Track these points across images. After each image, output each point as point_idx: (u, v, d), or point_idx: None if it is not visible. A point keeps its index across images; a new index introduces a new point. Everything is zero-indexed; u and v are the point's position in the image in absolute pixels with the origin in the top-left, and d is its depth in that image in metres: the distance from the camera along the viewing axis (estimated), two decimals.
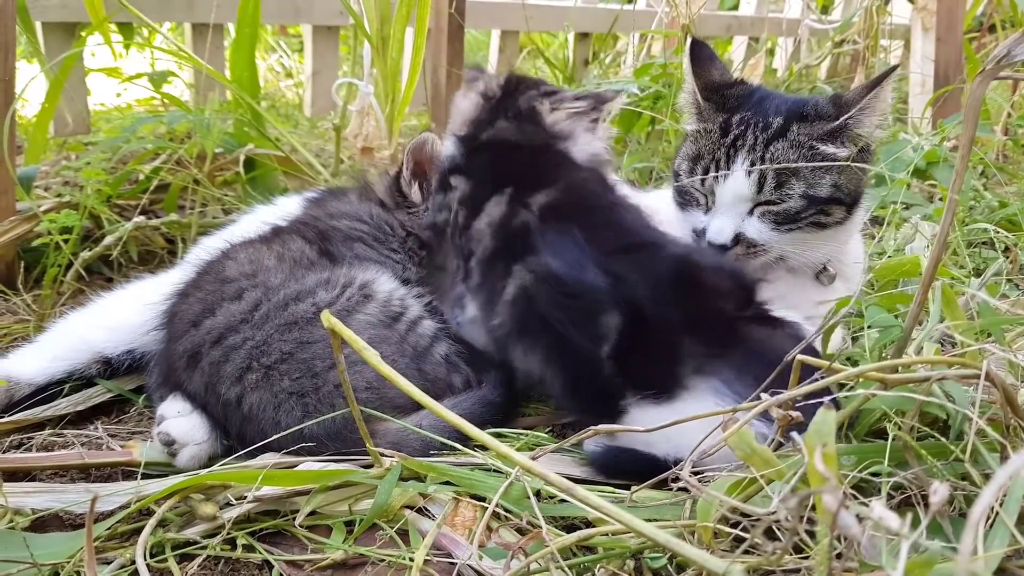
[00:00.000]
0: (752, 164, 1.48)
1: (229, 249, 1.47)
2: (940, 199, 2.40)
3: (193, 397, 1.30)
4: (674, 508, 1.10)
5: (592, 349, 1.26)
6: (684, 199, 1.59)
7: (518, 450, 1.27)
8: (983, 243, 2.12)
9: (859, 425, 1.15)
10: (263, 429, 1.23)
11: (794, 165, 1.46)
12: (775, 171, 1.46)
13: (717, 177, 1.51)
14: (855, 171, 1.50)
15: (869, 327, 1.37)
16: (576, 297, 1.29)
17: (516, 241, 1.38)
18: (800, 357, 1.05)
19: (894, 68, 1.52)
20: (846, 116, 1.47)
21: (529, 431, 1.38)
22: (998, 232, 1.94)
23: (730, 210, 1.51)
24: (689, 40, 1.61)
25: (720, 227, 1.50)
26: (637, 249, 1.35)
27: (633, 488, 1.14)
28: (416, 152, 1.60)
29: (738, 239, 1.50)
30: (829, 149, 1.47)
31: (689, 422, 1.07)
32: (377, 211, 1.61)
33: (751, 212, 1.51)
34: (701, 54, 1.62)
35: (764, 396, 1.08)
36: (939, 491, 0.68)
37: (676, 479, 1.11)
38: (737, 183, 1.49)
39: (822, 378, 1.02)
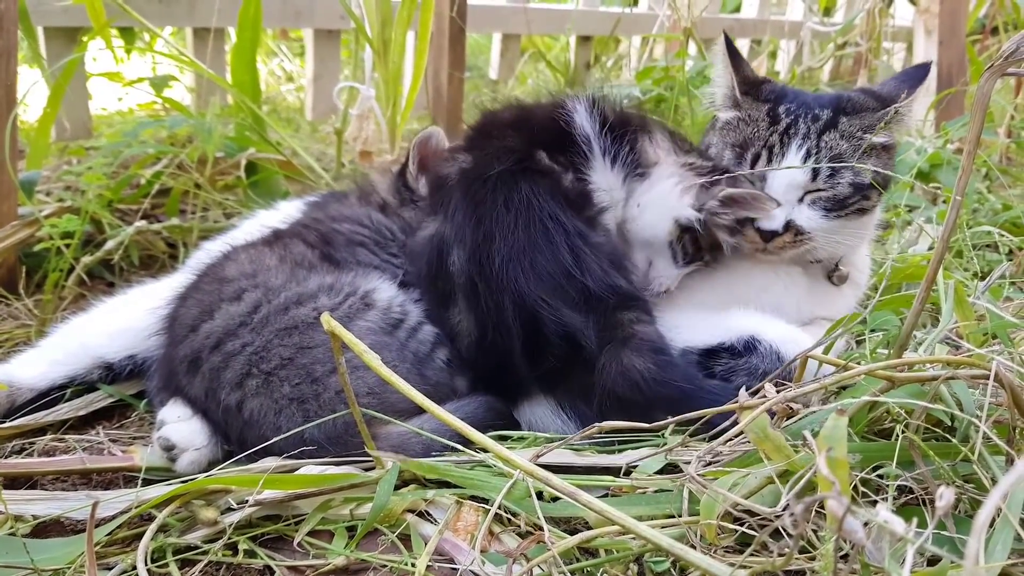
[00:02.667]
0: (808, 152, 1.49)
1: (229, 251, 1.46)
2: (943, 201, 2.40)
3: (194, 402, 1.29)
4: (676, 497, 1.09)
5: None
6: None
7: (522, 449, 1.27)
8: (987, 246, 2.11)
9: (858, 423, 1.14)
10: (264, 435, 1.22)
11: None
12: (828, 161, 1.48)
13: (771, 163, 1.51)
14: (888, 157, 1.54)
15: (872, 331, 1.37)
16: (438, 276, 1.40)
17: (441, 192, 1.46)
18: (812, 355, 1.06)
19: (929, 64, 1.54)
20: (895, 107, 1.50)
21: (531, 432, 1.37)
22: (1002, 235, 1.93)
23: (781, 197, 1.50)
24: (723, 36, 1.60)
25: (772, 213, 1.50)
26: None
27: (634, 477, 1.15)
28: (422, 146, 1.59)
29: (787, 226, 1.50)
30: (872, 138, 1.50)
31: None
32: (377, 216, 1.60)
33: (800, 200, 1.51)
34: (733, 50, 1.62)
35: (768, 387, 1.08)
36: (945, 496, 0.67)
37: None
38: (793, 170, 1.49)
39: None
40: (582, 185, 1.43)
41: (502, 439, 1.28)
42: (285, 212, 1.81)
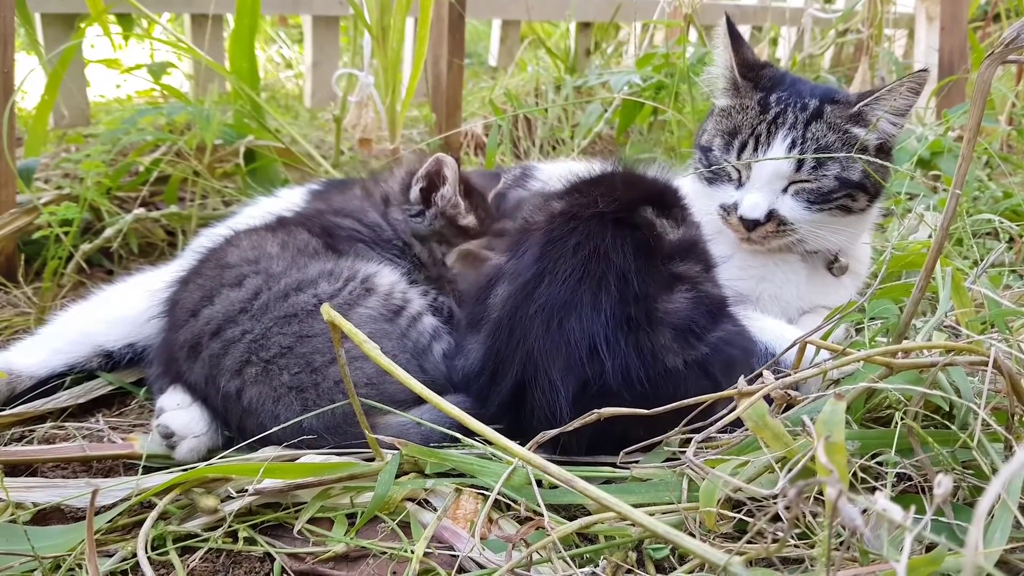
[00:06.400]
0: (793, 142, 1.49)
1: (232, 236, 1.46)
2: (944, 189, 2.39)
3: (193, 388, 1.29)
4: (676, 485, 1.09)
5: None
6: (713, 173, 1.58)
7: (520, 442, 1.27)
8: (987, 234, 2.11)
9: (856, 409, 1.14)
10: (263, 423, 1.23)
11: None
12: (814, 152, 1.48)
13: (757, 151, 1.51)
14: (881, 159, 1.52)
15: (872, 318, 1.37)
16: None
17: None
18: (810, 341, 1.06)
19: (923, 71, 1.52)
20: (870, 99, 1.49)
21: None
22: (1002, 222, 1.93)
23: (766, 186, 1.51)
24: (725, 18, 1.60)
25: (755, 202, 1.50)
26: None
27: (634, 468, 1.15)
28: (437, 162, 1.57)
29: (770, 216, 1.50)
30: (859, 132, 1.50)
31: None
32: (373, 216, 1.57)
33: (785, 190, 1.51)
34: (735, 32, 1.62)
35: (767, 374, 1.08)
36: (943, 484, 0.67)
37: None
38: (778, 160, 1.49)
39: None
40: (694, 235, 1.39)
41: (500, 431, 1.28)
42: (288, 200, 1.80)
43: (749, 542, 0.94)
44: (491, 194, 1.68)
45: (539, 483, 1.09)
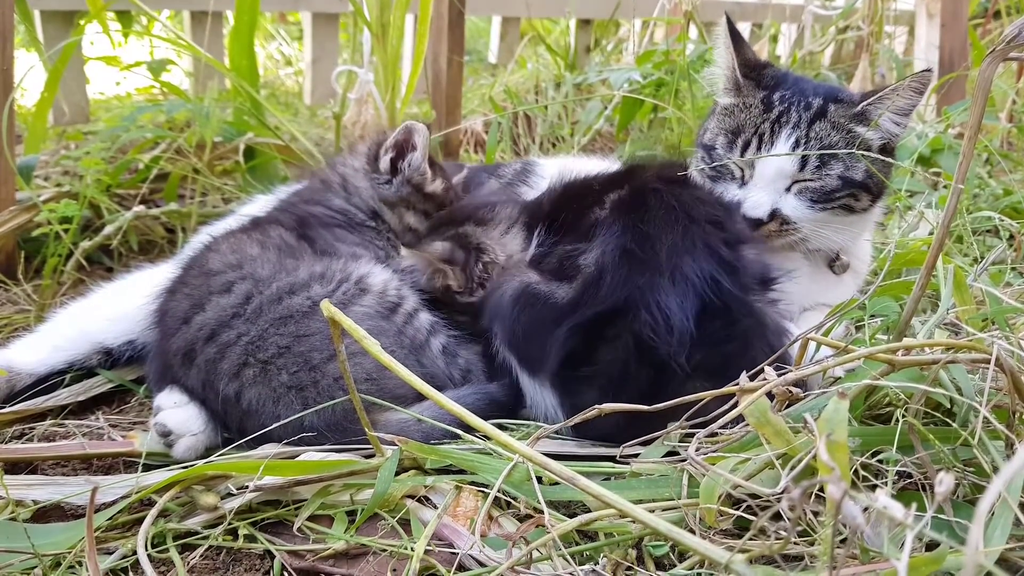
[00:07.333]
0: (797, 141, 1.49)
1: (211, 242, 1.46)
2: (944, 186, 2.39)
3: (191, 392, 1.29)
4: (676, 481, 1.09)
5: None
6: (716, 172, 1.58)
7: (520, 439, 1.27)
8: (987, 231, 2.11)
9: (857, 406, 1.14)
10: (263, 424, 1.22)
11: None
12: (817, 151, 1.48)
13: (760, 150, 1.51)
14: (883, 163, 1.53)
15: (873, 316, 1.37)
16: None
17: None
18: (812, 337, 1.05)
19: (927, 71, 1.52)
20: (874, 99, 1.50)
21: (532, 421, 1.37)
22: (1003, 220, 1.92)
23: (769, 185, 1.51)
24: (725, 18, 1.60)
25: (758, 201, 1.50)
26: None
27: (634, 463, 1.15)
28: (407, 130, 1.57)
29: (773, 215, 1.50)
30: (863, 131, 1.50)
31: None
32: (339, 202, 1.57)
33: (788, 190, 1.51)
34: (736, 32, 1.62)
35: (768, 371, 1.08)
36: (944, 482, 0.67)
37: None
38: (781, 158, 1.48)
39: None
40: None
41: (501, 428, 1.28)
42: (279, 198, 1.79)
43: (750, 539, 0.94)
44: (454, 180, 1.69)
45: (539, 479, 1.09)
